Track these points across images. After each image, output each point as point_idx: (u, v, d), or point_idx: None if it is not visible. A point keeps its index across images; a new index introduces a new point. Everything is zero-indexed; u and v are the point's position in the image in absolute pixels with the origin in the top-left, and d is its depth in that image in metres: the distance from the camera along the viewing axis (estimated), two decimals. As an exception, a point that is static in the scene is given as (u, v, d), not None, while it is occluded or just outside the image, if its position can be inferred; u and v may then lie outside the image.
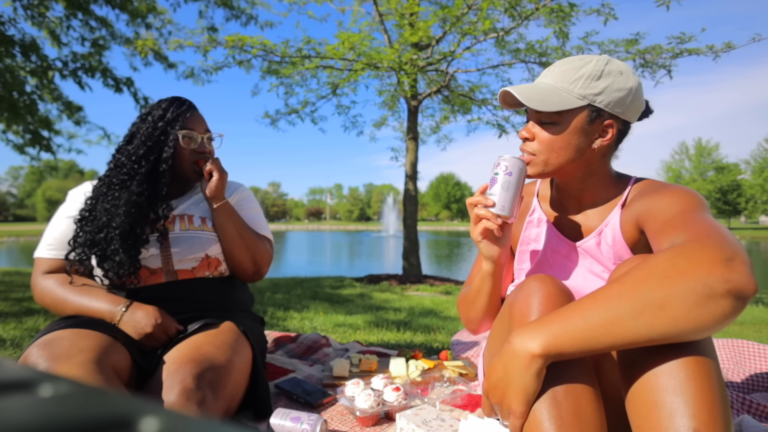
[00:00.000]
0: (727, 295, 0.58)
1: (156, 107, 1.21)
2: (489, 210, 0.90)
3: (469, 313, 1.05)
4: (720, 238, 0.64)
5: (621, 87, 0.86)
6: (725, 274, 0.59)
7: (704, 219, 0.72)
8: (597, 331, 0.63)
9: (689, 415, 0.59)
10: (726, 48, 4.81)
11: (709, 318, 0.59)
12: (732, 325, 3.38)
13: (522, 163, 0.91)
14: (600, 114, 0.88)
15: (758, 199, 41.89)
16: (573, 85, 0.87)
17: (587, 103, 0.86)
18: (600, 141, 0.90)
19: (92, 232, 1.10)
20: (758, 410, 1.16)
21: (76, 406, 0.14)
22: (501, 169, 0.90)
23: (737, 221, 58.10)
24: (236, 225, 1.23)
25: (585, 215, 0.99)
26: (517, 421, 0.69)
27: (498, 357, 0.72)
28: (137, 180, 1.13)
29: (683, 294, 0.59)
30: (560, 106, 0.87)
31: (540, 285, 0.79)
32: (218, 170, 1.22)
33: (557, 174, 0.95)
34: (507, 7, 4.87)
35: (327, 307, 3.83)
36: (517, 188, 0.91)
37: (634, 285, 0.63)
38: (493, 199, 0.90)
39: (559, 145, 0.90)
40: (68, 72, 5.60)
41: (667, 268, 0.62)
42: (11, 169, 78.24)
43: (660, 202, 0.82)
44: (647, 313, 0.61)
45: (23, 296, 3.87)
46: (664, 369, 0.63)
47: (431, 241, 28.59)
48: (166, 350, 1.06)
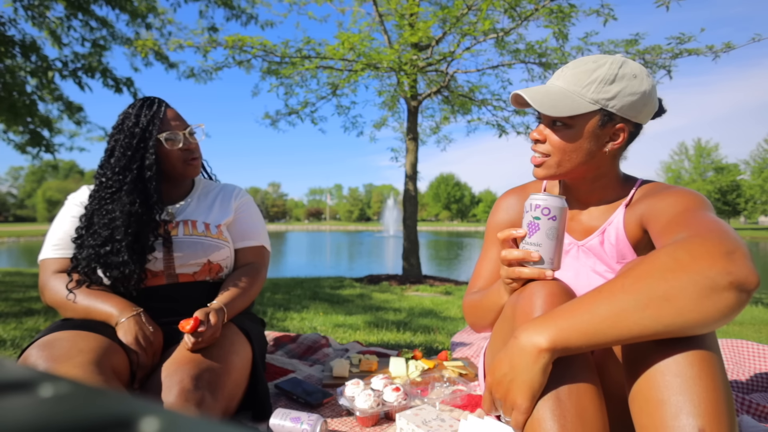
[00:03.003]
0: (730, 287, 0.59)
1: (127, 115, 1.17)
2: (535, 267, 0.80)
3: (480, 321, 1.03)
4: (721, 233, 0.65)
5: (634, 91, 0.85)
6: (726, 267, 0.59)
7: (706, 217, 0.72)
8: (603, 324, 0.64)
9: (695, 415, 0.59)
10: (726, 48, 4.81)
11: (714, 310, 0.59)
12: (732, 325, 3.39)
13: (563, 202, 0.81)
14: (612, 118, 0.87)
15: (757, 199, 41.89)
16: (586, 89, 0.86)
17: (599, 107, 0.86)
18: (611, 144, 0.90)
19: (95, 246, 1.08)
20: (758, 410, 1.16)
21: (76, 406, 0.14)
22: (542, 213, 0.78)
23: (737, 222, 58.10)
24: (242, 305, 1.18)
25: (589, 214, 1.00)
26: (521, 416, 0.69)
27: (503, 352, 0.72)
28: (125, 190, 1.11)
29: (687, 286, 0.60)
30: (572, 111, 0.86)
31: (543, 284, 0.79)
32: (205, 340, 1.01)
33: (568, 176, 0.95)
34: (507, 7, 4.87)
35: (327, 308, 3.83)
36: (562, 233, 0.80)
37: (638, 279, 0.64)
38: (539, 252, 0.79)
39: (570, 148, 0.90)
40: (68, 72, 5.61)
41: (669, 261, 0.63)
42: (11, 169, 78.30)
43: (663, 201, 0.83)
44: (652, 306, 0.61)
45: (23, 296, 3.86)
46: (669, 367, 0.63)
47: (431, 241, 28.59)
48: (166, 351, 1.06)
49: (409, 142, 6.80)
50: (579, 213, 1.02)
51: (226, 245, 1.25)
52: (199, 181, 1.38)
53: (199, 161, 1.26)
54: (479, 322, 1.03)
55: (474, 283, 1.11)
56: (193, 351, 0.99)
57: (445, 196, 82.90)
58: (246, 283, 1.21)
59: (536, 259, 0.79)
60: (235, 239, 1.31)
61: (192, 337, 0.98)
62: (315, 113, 7.16)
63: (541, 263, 0.79)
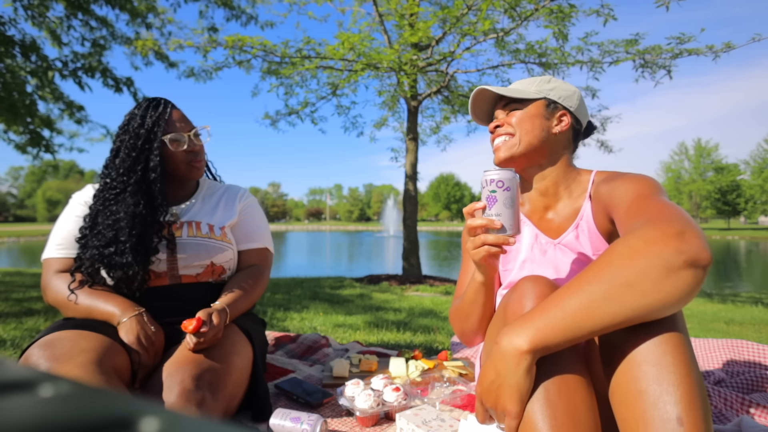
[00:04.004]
0: (684, 265, 0.62)
1: (132, 116, 1.17)
2: (499, 234, 0.85)
3: (464, 325, 1.04)
4: (670, 216, 0.68)
5: (567, 89, 1.06)
6: (678, 246, 0.62)
7: (657, 201, 0.76)
8: (576, 318, 0.65)
9: (672, 402, 0.61)
10: (726, 48, 4.81)
11: (673, 289, 0.62)
12: (732, 325, 3.39)
13: (514, 173, 0.88)
14: (555, 105, 1.04)
15: (757, 199, 41.91)
16: (529, 86, 1.07)
17: (543, 96, 1.04)
18: (559, 127, 1.03)
19: (99, 247, 1.08)
20: (758, 410, 1.16)
21: (77, 406, 0.14)
22: (496, 186, 0.85)
23: (736, 221, 58.13)
24: (244, 307, 1.19)
25: (557, 212, 1.05)
26: (513, 421, 0.69)
27: (488, 360, 0.73)
28: (129, 191, 1.11)
29: (645, 269, 0.63)
30: (523, 94, 1.05)
31: (533, 285, 0.80)
32: (207, 340, 1.01)
33: (526, 158, 1.03)
34: (507, 7, 4.87)
35: (327, 308, 3.83)
36: (517, 201, 0.87)
37: (600, 269, 0.66)
38: (500, 220, 0.85)
39: (527, 121, 1.03)
40: (68, 72, 5.60)
41: (626, 249, 0.66)
42: (11, 169, 78.34)
43: (618, 189, 0.88)
44: (617, 293, 0.64)
45: (24, 296, 3.87)
46: (645, 357, 0.65)
47: (431, 241, 28.59)
48: (168, 351, 1.06)
49: (409, 142, 6.80)
50: (546, 212, 1.07)
51: (229, 247, 1.25)
52: (203, 181, 1.38)
53: (203, 163, 1.26)
54: (465, 324, 1.04)
55: (458, 293, 1.12)
56: (195, 351, 1.00)
57: (445, 196, 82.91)
58: (249, 285, 1.21)
59: (498, 226, 0.85)
60: (239, 241, 1.31)
61: (194, 338, 0.98)
62: (315, 113, 7.16)
63: (503, 231, 0.85)
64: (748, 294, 6.78)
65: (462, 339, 1.09)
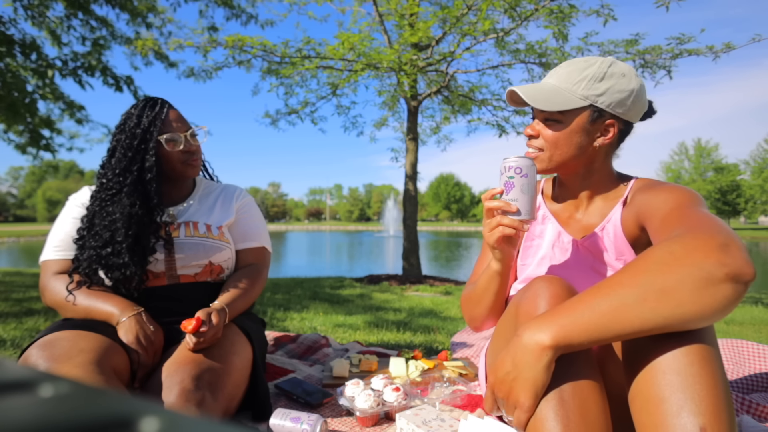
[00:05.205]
0: (726, 279, 0.59)
1: (129, 115, 1.17)
2: (514, 218, 0.87)
3: (474, 310, 1.05)
4: (714, 227, 0.66)
5: (623, 89, 0.90)
6: (721, 259, 0.60)
7: (699, 212, 0.74)
8: (604, 320, 0.64)
9: (696, 413, 0.59)
10: (726, 48, 4.81)
11: (711, 301, 0.60)
12: (732, 325, 3.39)
13: (532, 161, 0.89)
14: (602, 114, 0.92)
15: (757, 199, 41.86)
16: (576, 86, 0.91)
17: (589, 103, 0.91)
18: (602, 140, 0.94)
19: (97, 248, 1.08)
20: (758, 410, 1.16)
21: (77, 406, 0.14)
22: (515, 172, 0.87)
23: (736, 222, 58.08)
24: (243, 306, 1.19)
25: (587, 212, 1.02)
26: (523, 414, 0.69)
27: (506, 351, 0.72)
28: (126, 192, 1.11)
29: (684, 278, 0.61)
30: (563, 105, 0.91)
31: (547, 285, 0.79)
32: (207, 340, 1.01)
33: (560, 170, 0.98)
34: (507, 7, 4.87)
35: (327, 308, 3.83)
36: (534, 188, 0.89)
37: (636, 274, 0.64)
38: (516, 204, 0.86)
39: (562, 142, 0.94)
40: (68, 71, 5.60)
41: (665, 255, 0.64)
42: (11, 169, 78.30)
43: (657, 198, 0.85)
44: (651, 299, 0.62)
45: (23, 296, 3.86)
46: (670, 365, 0.63)
47: (431, 241, 28.59)
48: (167, 351, 1.06)
49: (409, 142, 6.80)
50: (576, 211, 1.04)
51: (227, 246, 1.25)
52: (200, 181, 1.38)
53: (199, 162, 1.26)
54: (474, 310, 1.05)
55: (472, 279, 1.12)
56: (194, 351, 1.00)
57: (445, 196, 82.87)
58: (247, 284, 1.21)
59: (514, 210, 0.87)
60: (237, 240, 1.31)
61: (194, 337, 0.98)
62: (315, 113, 7.15)
63: (518, 215, 0.87)
64: (748, 294, 6.78)
65: (470, 324, 1.10)
